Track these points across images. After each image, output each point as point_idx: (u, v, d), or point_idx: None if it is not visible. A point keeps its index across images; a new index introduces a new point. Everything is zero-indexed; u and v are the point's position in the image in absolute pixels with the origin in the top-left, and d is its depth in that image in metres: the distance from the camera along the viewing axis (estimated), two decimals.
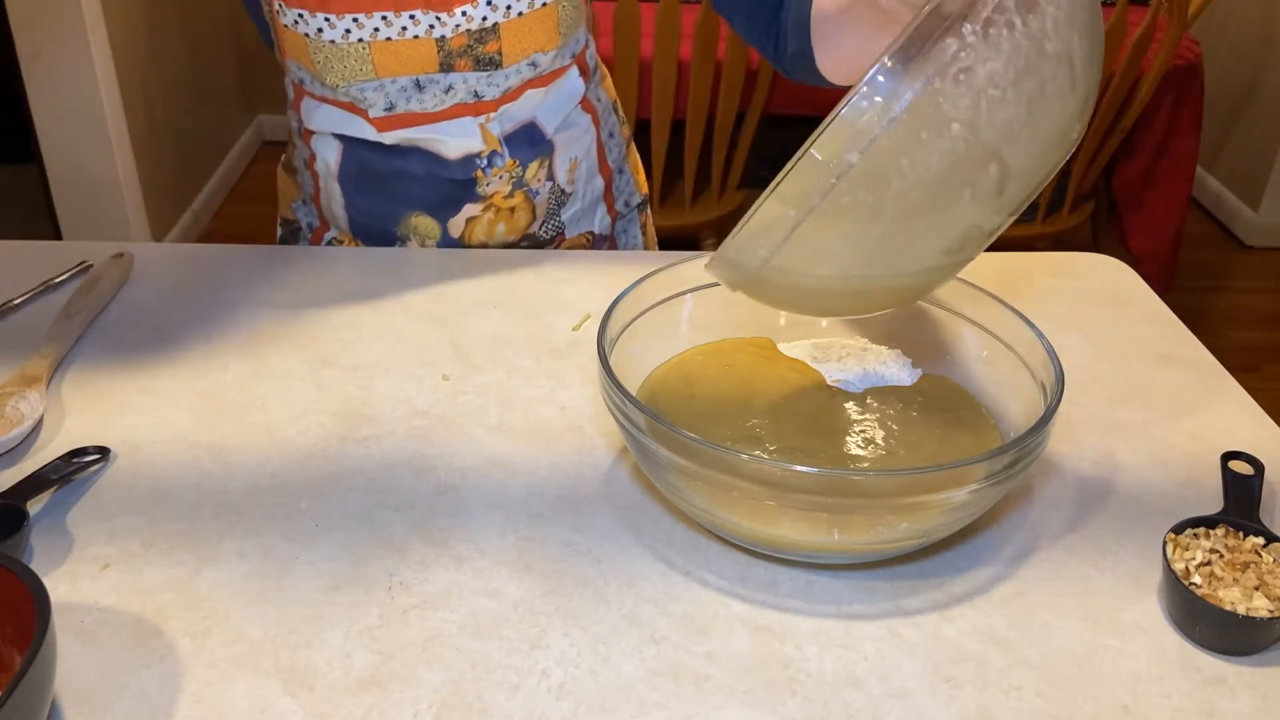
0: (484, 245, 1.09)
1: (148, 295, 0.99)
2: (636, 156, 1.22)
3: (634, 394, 0.74)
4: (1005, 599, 0.69)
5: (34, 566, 0.69)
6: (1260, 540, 0.69)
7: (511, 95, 1.01)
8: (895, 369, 0.84)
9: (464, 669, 0.63)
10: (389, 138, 1.02)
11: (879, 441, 0.76)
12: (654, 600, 0.68)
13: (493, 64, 0.98)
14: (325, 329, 0.94)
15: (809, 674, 0.63)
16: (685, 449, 0.65)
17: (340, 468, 0.78)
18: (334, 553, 0.71)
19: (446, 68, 0.97)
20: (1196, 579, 0.67)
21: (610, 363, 0.72)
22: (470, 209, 1.07)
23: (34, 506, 0.73)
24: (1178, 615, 0.67)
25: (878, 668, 0.64)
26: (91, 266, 1.01)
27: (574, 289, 1.01)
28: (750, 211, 0.63)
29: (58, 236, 2.80)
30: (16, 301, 0.96)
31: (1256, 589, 0.65)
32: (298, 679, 0.62)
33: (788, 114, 2.41)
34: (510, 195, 1.06)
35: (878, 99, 0.57)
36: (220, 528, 0.73)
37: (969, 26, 0.56)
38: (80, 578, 0.68)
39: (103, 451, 0.78)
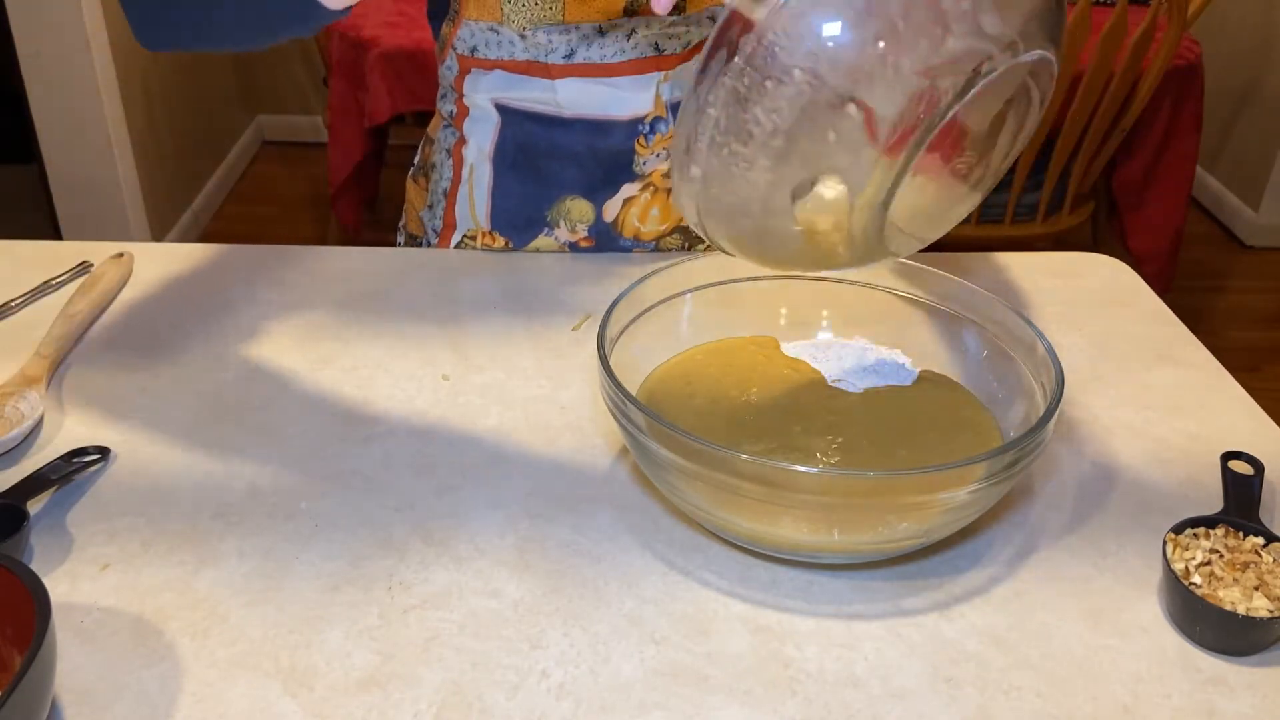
0: (637, 237, 1.07)
1: (148, 295, 0.99)
2: None
3: (634, 394, 0.74)
4: (1005, 599, 0.69)
5: (34, 566, 0.69)
6: (1260, 540, 0.69)
7: (687, 55, 1.00)
8: (895, 369, 0.84)
9: (464, 669, 0.63)
10: (562, 92, 1.00)
11: (879, 442, 0.76)
12: (654, 600, 0.68)
13: (678, 9, 0.97)
14: (325, 329, 0.94)
15: (809, 674, 0.63)
16: (685, 449, 0.65)
17: (340, 468, 0.78)
18: (334, 553, 0.71)
19: (631, 9, 0.96)
20: (1196, 579, 0.67)
21: (610, 363, 0.72)
22: (628, 189, 1.05)
23: (34, 506, 0.73)
24: (1178, 615, 0.67)
25: (878, 668, 0.64)
26: (91, 266, 1.01)
27: (574, 289, 1.01)
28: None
29: (58, 236, 2.80)
30: (16, 301, 0.96)
31: (1256, 589, 0.65)
32: (298, 679, 0.62)
33: None
34: (667, 174, 1.04)
35: (721, 52, 0.60)
36: (220, 528, 0.73)
37: None
38: (80, 578, 0.68)
39: (103, 451, 0.78)
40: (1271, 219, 3.23)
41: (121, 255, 1.02)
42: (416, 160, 1.15)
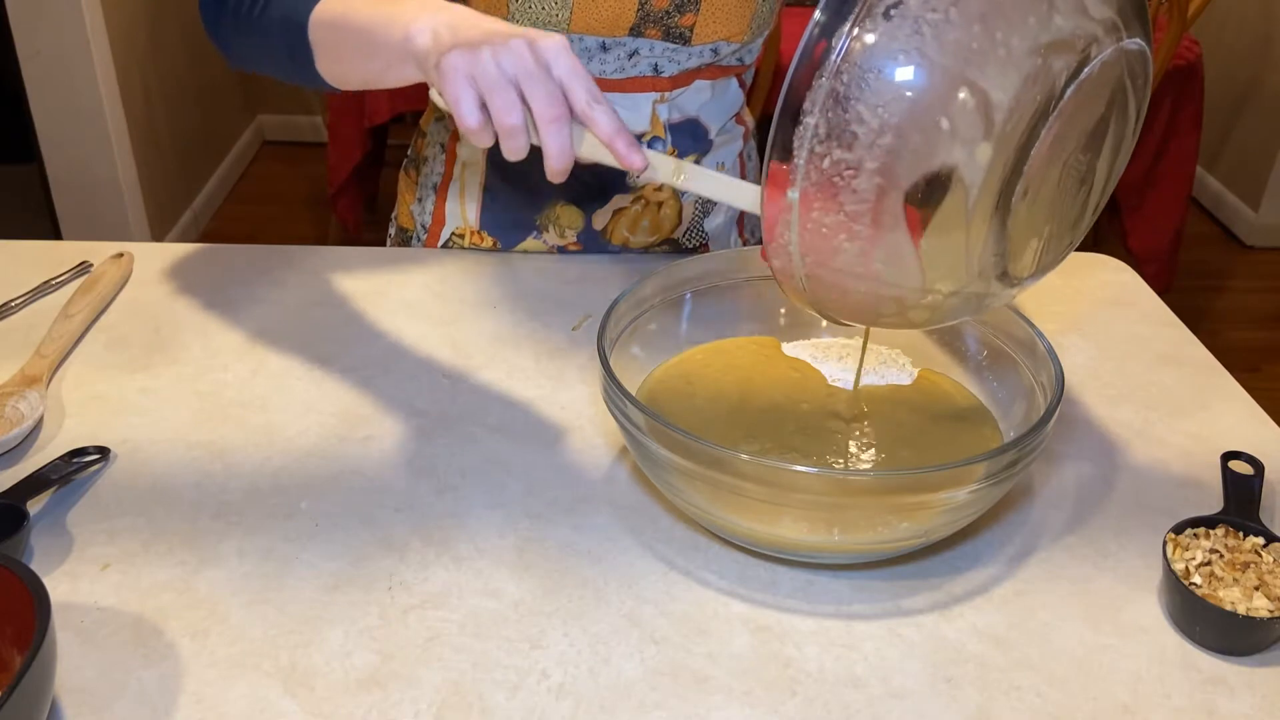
0: (625, 245, 1.07)
1: (148, 295, 0.99)
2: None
3: (634, 394, 0.74)
4: (1005, 599, 0.69)
5: (34, 566, 0.69)
6: (1260, 540, 0.69)
7: (685, 79, 1.00)
8: (895, 369, 0.84)
9: (464, 669, 0.63)
10: None
11: (879, 442, 0.76)
12: (654, 600, 0.68)
13: (682, 39, 0.97)
14: (325, 329, 0.94)
15: (809, 674, 0.63)
16: (685, 449, 0.65)
17: (340, 468, 0.78)
18: (334, 553, 0.71)
19: (637, 31, 0.96)
20: (1196, 579, 0.67)
21: (610, 363, 0.72)
22: (619, 200, 1.05)
23: (34, 506, 0.73)
24: (1178, 615, 0.67)
25: (878, 668, 0.64)
26: (91, 266, 1.01)
27: (574, 289, 1.01)
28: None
29: (58, 236, 2.80)
30: (16, 301, 0.96)
31: (1256, 589, 0.65)
32: (298, 679, 0.62)
33: None
34: (660, 188, 1.05)
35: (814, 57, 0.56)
36: (220, 528, 0.73)
37: None
38: (80, 578, 0.68)
39: (103, 451, 0.78)
40: (1271, 219, 3.23)
41: (121, 255, 1.02)
42: (409, 152, 1.15)
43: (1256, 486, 0.74)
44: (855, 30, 0.55)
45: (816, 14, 0.57)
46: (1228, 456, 0.77)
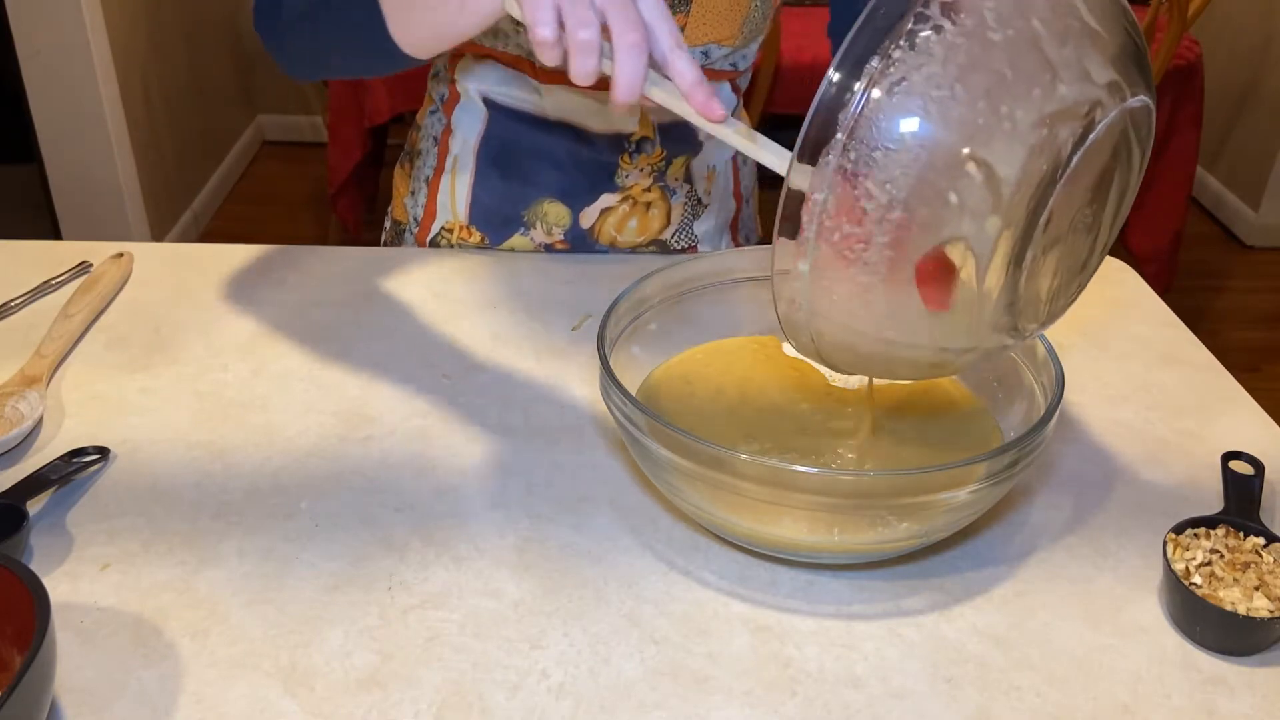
0: (613, 244, 1.08)
1: (148, 295, 0.99)
2: (758, 199, 1.22)
3: (634, 394, 0.74)
4: (1005, 599, 0.69)
5: (34, 566, 0.69)
6: (1260, 540, 0.69)
7: None
8: None
9: (464, 669, 0.63)
10: (549, 100, 1.00)
11: (879, 441, 0.76)
12: (654, 600, 0.68)
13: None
14: (325, 329, 0.94)
15: (809, 674, 0.63)
16: (685, 449, 0.65)
17: (340, 468, 0.78)
18: (334, 553, 0.71)
19: None
20: (1197, 579, 0.67)
21: (610, 363, 0.72)
22: (607, 199, 1.05)
23: (34, 506, 0.73)
24: (1178, 615, 0.67)
25: (878, 668, 0.64)
26: (91, 266, 1.01)
27: (574, 289, 1.01)
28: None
29: (58, 236, 2.80)
30: (16, 301, 0.96)
31: (1256, 589, 0.65)
32: (298, 679, 0.62)
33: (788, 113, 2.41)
34: (649, 190, 1.05)
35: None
36: (220, 528, 0.73)
37: (891, 42, 0.56)
38: (80, 578, 0.68)
39: (103, 451, 0.78)
40: (1271, 219, 3.23)
41: (121, 255, 1.02)
42: (405, 146, 1.16)
43: (1256, 486, 0.74)
44: (861, 107, 0.56)
45: (820, 90, 0.57)
46: (1228, 456, 0.77)
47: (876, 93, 0.55)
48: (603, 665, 0.63)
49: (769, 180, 0.74)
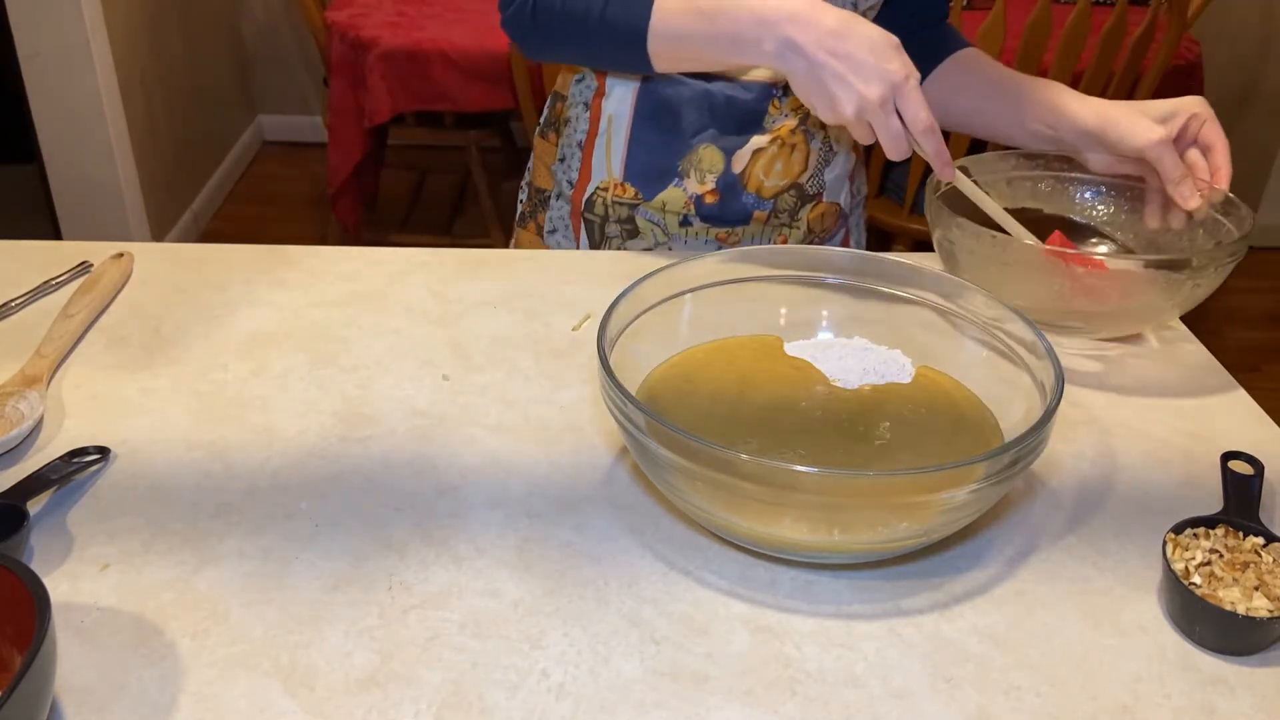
0: (759, 192, 1.10)
1: (148, 295, 0.99)
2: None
3: (634, 394, 0.74)
4: (1005, 599, 0.69)
5: (34, 566, 0.69)
6: (1260, 540, 0.69)
7: None
8: (895, 368, 0.84)
9: (464, 669, 0.63)
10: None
11: (879, 441, 0.76)
12: (654, 600, 0.68)
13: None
14: (325, 329, 0.94)
15: (809, 674, 0.63)
16: (685, 449, 0.65)
17: (340, 468, 0.78)
18: (334, 553, 0.71)
19: None
20: (1196, 579, 0.67)
21: (610, 363, 0.72)
22: (757, 140, 1.08)
23: (34, 506, 0.73)
24: (1178, 615, 0.67)
25: (878, 668, 0.64)
26: (91, 266, 1.01)
27: (574, 289, 1.01)
28: None
29: (58, 236, 2.80)
30: (16, 301, 0.96)
31: (1256, 589, 0.65)
32: (298, 679, 0.62)
33: None
34: (794, 131, 1.09)
35: None
36: (220, 528, 0.73)
37: None
38: (80, 578, 0.68)
39: (103, 451, 0.78)
40: (1271, 219, 3.23)
41: (121, 255, 1.02)
42: (544, 117, 1.20)
43: (1256, 486, 0.74)
44: None
45: None
46: (1228, 456, 0.77)
47: None
48: (603, 665, 0.63)
49: None
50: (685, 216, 1.12)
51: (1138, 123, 0.98)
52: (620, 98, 1.09)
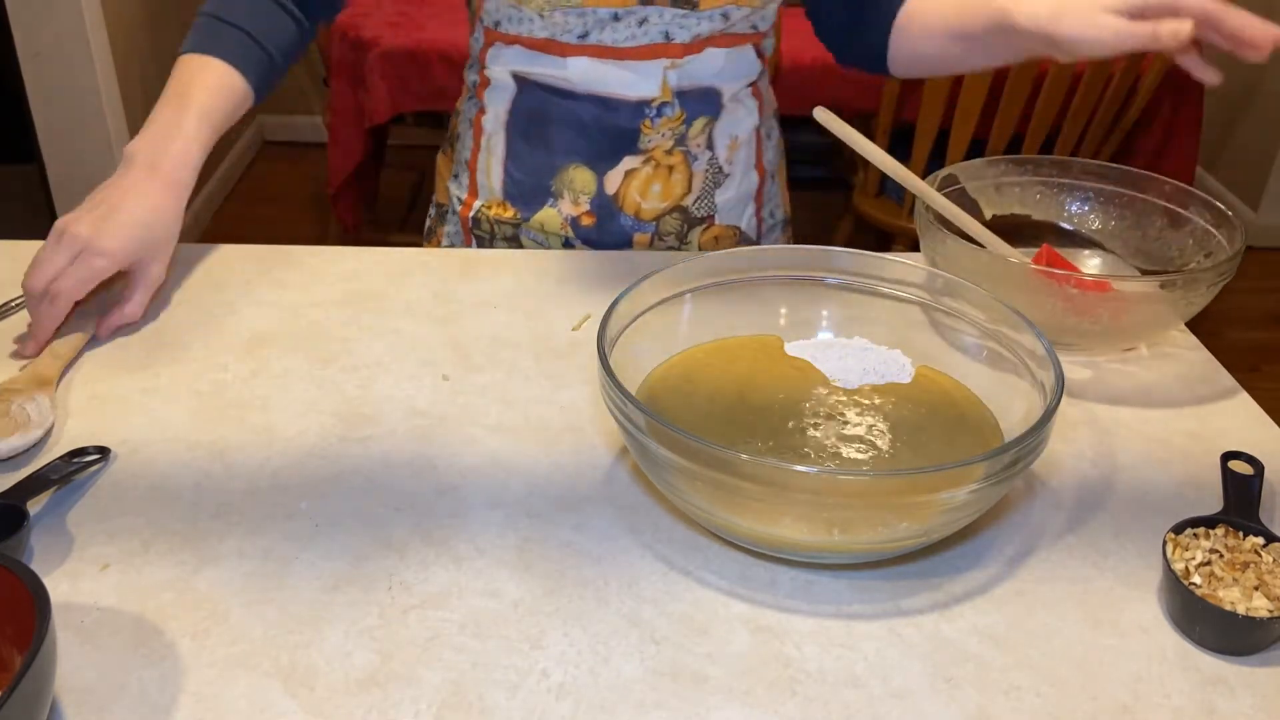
0: (637, 214, 1.10)
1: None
2: (785, 175, 1.24)
3: (634, 394, 0.74)
4: (1005, 599, 0.69)
5: (34, 566, 0.69)
6: (1260, 540, 0.69)
7: (697, 46, 1.04)
8: (895, 368, 0.84)
9: (464, 669, 0.63)
10: (573, 69, 1.03)
11: (879, 441, 0.76)
12: (654, 600, 0.68)
13: (689, 3, 1.01)
14: (325, 329, 0.94)
15: (809, 674, 0.63)
16: (685, 449, 0.65)
17: (340, 468, 0.78)
18: (334, 553, 0.71)
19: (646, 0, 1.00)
20: (1196, 579, 0.67)
21: (610, 363, 0.72)
22: (629, 161, 1.08)
23: (34, 506, 0.73)
24: (1178, 615, 0.67)
25: (878, 668, 0.64)
26: None
27: (574, 289, 1.01)
28: None
29: None
30: (16, 301, 0.96)
31: (1256, 589, 0.65)
32: (298, 679, 0.62)
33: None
34: (670, 152, 1.08)
35: None
36: (220, 528, 0.73)
37: None
38: (80, 578, 0.68)
39: (103, 451, 0.78)
40: (1271, 219, 3.23)
41: None
42: (447, 133, 1.20)
43: (1256, 486, 0.74)
44: None
45: None
46: (1228, 456, 0.77)
47: None
48: (603, 665, 0.63)
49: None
50: (566, 239, 1.11)
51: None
52: (495, 116, 1.10)
